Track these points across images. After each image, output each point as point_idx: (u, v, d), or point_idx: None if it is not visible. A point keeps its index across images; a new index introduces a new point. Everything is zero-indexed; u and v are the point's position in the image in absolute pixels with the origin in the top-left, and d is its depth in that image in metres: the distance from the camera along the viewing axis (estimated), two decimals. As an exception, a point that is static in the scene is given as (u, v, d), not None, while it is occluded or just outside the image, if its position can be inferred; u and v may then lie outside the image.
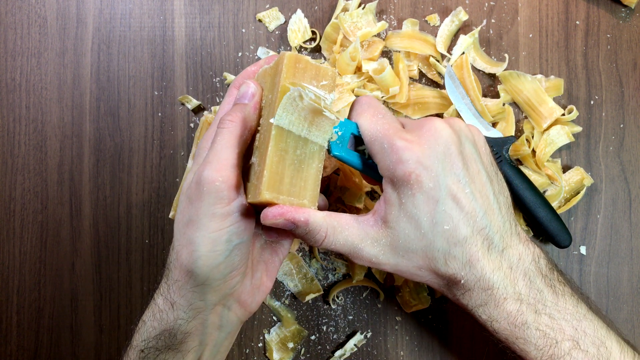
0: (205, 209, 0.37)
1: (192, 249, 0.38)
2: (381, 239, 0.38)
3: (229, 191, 0.37)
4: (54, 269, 0.54)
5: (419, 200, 0.36)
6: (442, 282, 0.39)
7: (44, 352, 0.54)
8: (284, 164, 0.37)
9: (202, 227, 0.37)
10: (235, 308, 0.42)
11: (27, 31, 0.55)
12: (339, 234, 0.38)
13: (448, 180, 0.37)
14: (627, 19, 0.54)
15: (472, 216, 0.37)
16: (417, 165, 0.36)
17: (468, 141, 0.39)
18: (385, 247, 0.38)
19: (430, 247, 0.37)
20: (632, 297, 0.53)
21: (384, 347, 0.53)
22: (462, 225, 0.37)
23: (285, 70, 0.37)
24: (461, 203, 0.37)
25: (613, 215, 0.53)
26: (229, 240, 0.38)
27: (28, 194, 0.54)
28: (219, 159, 0.37)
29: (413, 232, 0.37)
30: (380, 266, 0.39)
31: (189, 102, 0.54)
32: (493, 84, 0.54)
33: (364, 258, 0.38)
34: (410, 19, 0.53)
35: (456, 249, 0.37)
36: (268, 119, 0.38)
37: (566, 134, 0.51)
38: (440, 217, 0.37)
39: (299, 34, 0.53)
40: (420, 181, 0.36)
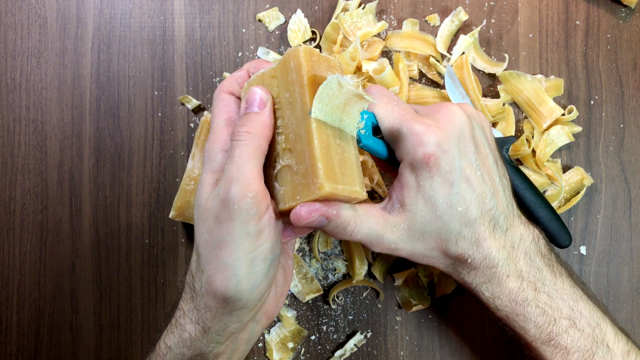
0: (238, 229, 0.35)
1: (230, 274, 0.36)
2: (400, 224, 0.39)
3: (260, 206, 0.35)
4: (54, 269, 0.54)
5: (437, 183, 0.38)
6: (449, 262, 0.40)
7: (44, 352, 0.54)
8: (330, 155, 0.36)
9: (237, 249, 0.35)
10: (262, 320, 0.42)
11: (27, 31, 0.55)
12: (364, 222, 0.39)
13: (463, 163, 0.38)
14: (627, 19, 0.54)
15: (482, 198, 0.39)
16: (437, 148, 0.37)
17: (478, 126, 0.40)
18: (403, 232, 0.39)
19: (444, 229, 0.39)
20: (632, 297, 0.53)
21: (384, 347, 0.53)
22: (473, 206, 0.38)
23: (304, 63, 0.37)
24: (473, 185, 0.38)
25: (613, 215, 0.53)
26: (266, 258, 0.36)
27: (28, 194, 0.54)
28: (243, 174, 0.35)
29: (429, 214, 0.38)
30: (397, 252, 0.40)
31: (189, 102, 0.54)
32: (493, 84, 0.54)
33: (384, 245, 0.39)
34: (410, 19, 0.53)
35: (466, 229, 0.39)
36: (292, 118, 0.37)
37: (566, 134, 0.51)
38: (455, 199, 0.38)
39: (299, 34, 0.53)
40: (439, 164, 0.37)
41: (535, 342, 0.39)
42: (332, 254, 0.53)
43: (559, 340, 0.39)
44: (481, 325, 0.53)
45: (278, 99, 0.38)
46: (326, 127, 0.37)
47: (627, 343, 0.40)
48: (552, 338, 0.39)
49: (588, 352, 0.39)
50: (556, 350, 0.39)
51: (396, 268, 0.53)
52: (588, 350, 0.39)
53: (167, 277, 0.54)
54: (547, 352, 0.39)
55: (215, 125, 0.40)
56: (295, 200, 0.36)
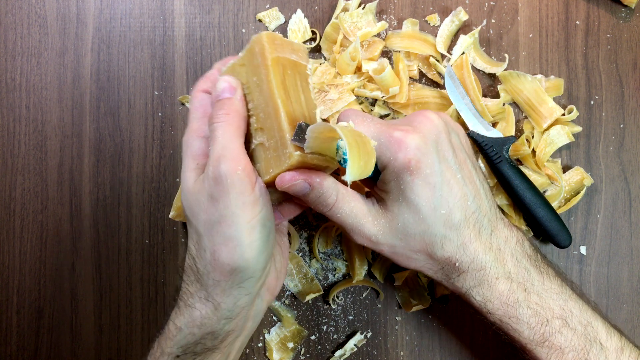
0: (235, 201, 0.36)
1: (234, 244, 0.37)
2: (381, 219, 0.40)
3: (251, 177, 0.37)
4: (54, 269, 0.54)
5: (418, 186, 0.38)
6: (437, 267, 0.41)
7: (44, 352, 0.54)
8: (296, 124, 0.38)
9: (237, 220, 0.37)
10: (266, 295, 0.43)
11: (27, 31, 0.55)
12: (347, 203, 0.40)
13: (442, 166, 0.39)
14: (627, 19, 0.54)
15: (464, 200, 0.39)
16: (416, 152, 0.38)
17: (454, 131, 0.42)
18: (384, 227, 0.40)
19: (428, 232, 0.39)
20: (632, 297, 0.53)
21: (384, 347, 0.53)
22: (456, 209, 0.39)
23: (267, 46, 0.38)
24: (454, 188, 0.39)
25: (613, 215, 0.53)
26: (264, 224, 0.38)
27: (28, 194, 0.54)
28: (230, 151, 0.37)
29: (412, 217, 0.39)
30: (378, 246, 0.40)
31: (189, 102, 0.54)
32: (493, 84, 0.54)
33: (364, 235, 0.40)
34: (410, 19, 0.53)
35: (452, 232, 0.39)
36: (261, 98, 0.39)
37: (566, 134, 0.51)
38: (437, 202, 0.39)
39: (299, 34, 0.53)
40: (419, 167, 0.38)
41: (530, 344, 0.40)
42: (332, 254, 0.53)
43: (553, 341, 0.39)
44: (481, 325, 0.53)
45: (247, 84, 0.40)
46: (292, 102, 0.38)
47: (620, 339, 0.40)
48: (546, 339, 0.39)
49: (582, 350, 0.39)
50: (551, 351, 0.39)
51: (396, 268, 0.53)
52: (582, 348, 0.39)
53: (167, 277, 0.54)
54: (542, 354, 0.39)
55: (191, 119, 0.42)
56: (269, 173, 0.38)
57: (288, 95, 0.38)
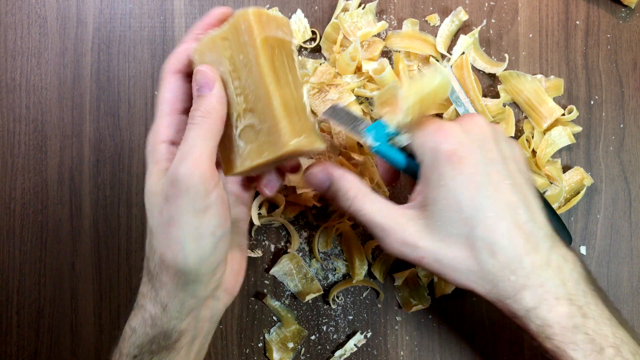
0: (185, 206, 0.36)
1: (178, 248, 0.37)
2: (418, 219, 0.37)
3: (207, 184, 0.36)
4: (54, 269, 0.54)
5: (461, 183, 0.35)
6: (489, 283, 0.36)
7: (44, 352, 0.54)
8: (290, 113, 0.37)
9: (185, 225, 0.36)
10: (223, 296, 0.42)
11: (27, 31, 0.55)
12: (370, 202, 0.38)
13: (489, 168, 0.36)
14: (627, 19, 0.54)
15: (515, 208, 0.36)
16: (460, 146, 0.36)
17: (505, 142, 0.39)
18: (422, 227, 0.36)
19: (473, 235, 0.35)
20: (632, 297, 0.53)
21: (384, 347, 0.53)
22: (505, 215, 0.36)
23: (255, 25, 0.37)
24: (502, 192, 0.36)
25: (613, 215, 0.53)
26: (214, 233, 0.37)
27: (28, 194, 0.54)
28: (193, 154, 0.36)
29: (454, 215, 0.36)
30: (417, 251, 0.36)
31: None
32: (493, 84, 0.54)
33: (399, 237, 0.37)
34: (410, 19, 0.53)
35: (503, 240, 0.35)
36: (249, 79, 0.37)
37: (567, 135, 0.51)
38: (481, 203, 0.35)
39: (299, 34, 0.53)
40: (463, 163, 0.36)
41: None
42: (332, 254, 0.53)
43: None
44: (481, 325, 0.53)
45: (232, 60, 0.38)
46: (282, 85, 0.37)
47: None
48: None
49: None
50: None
51: (396, 268, 0.53)
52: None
53: (167, 277, 0.54)
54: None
55: (157, 114, 0.40)
56: (262, 157, 0.37)
57: (278, 78, 0.37)
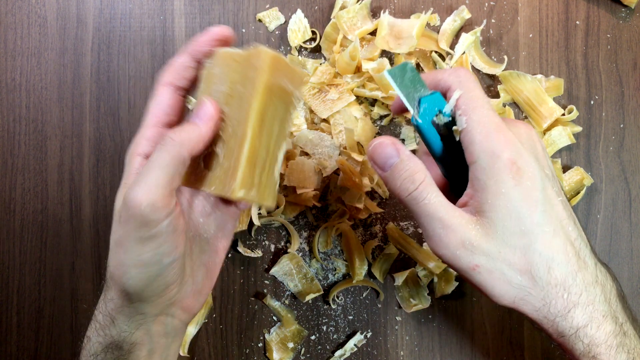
0: (131, 232, 0.35)
1: (123, 271, 0.36)
2: (475, 224, 0.35)
3: (156, 214, 0.34)
4: (54, 269, 0.54)
5: (520, 194, 0.34)
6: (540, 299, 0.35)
7: (44, 353, 0.54)
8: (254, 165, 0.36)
9: (129, 250, 0.36)
10: (179, 314, 0.41)
11: (27, 31, 0.55)
12: (436, 192, 0.35)
13: (545, 183, 0.35)
14: (627, 19, 0.54)
15: (565, 225, 0.36)
16: (519, 157, 0.34)
17: (549, 158, 0.38)
18: (479, 232, 0.35)
19: (532, 248, 0.34)
20: (632, 297, 0.53)
21: (384, 347, 0.53)
22: (559, 231, 0.35)
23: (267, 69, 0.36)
24: (556, 209, 0.35)
25: (613, 215, 0.53)
26: (159, 261, 0.36)
27: (28, 194, 0.54)
28: (148, 181, 0.34)
29: (513, 226, 0.34)
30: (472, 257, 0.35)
31: (189, 102, 0.54)
32: (493, 84, 0.54)
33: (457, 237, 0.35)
34: (415, 14, 0.53)
35: (559, 256, 0.35)
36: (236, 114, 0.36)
37: (567, 136, 0.51)
38: (540, 218, 0.34)
39: (299, 34, 0.53)
40: (522, 175, 0.34)
41: None
42: (332, 254, 0.53)
43: None
44: (481, 325, 0.53)
45: (232, 86, 0.37)
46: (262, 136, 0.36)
47: None
48: None
49: None
50: None
51: (396, 268, 0.53)
52: None
53: (167, 277, 0.54)
54: None
55: (142, 124, 0.40)
56: (210, 188, 0.37)
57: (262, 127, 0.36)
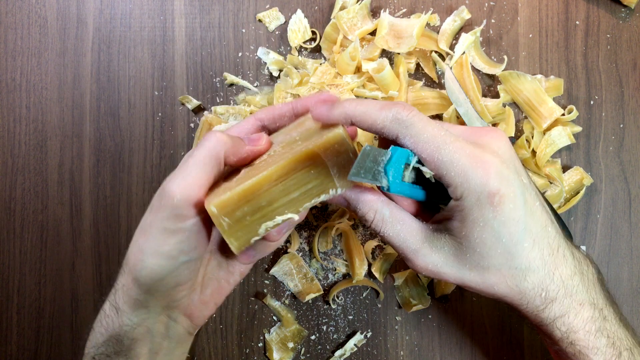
0: (158, 221, 0.36)
1: (140, 258, 0.37)
2: (443, 246, 0.37)
3: (186, 209, 0.35)
4: (54, 269, 0.54)
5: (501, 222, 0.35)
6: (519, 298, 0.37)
7: (44, 352, 0.54)
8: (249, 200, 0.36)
9: (151, 238, 0.36)
10: (182, 320, 0.41)
11: (27, 31, 0.55)
12: (391, 224, 0.37)
13: (525, 195, 0.36)
14: (627, 19, 0.54)
15: (545, 227, 0.37)
16: (502, 182, 0.34)
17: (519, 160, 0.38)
18: (448, 255, 0.36)
19: (508, 265, 0.36)
20: (632, 297, 0.53)
21: (384, 347, 0.53)
22: (539, 238, 0.36)
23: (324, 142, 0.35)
24: (536, 217, 0.36)
25: (613, 215, 0.53)
26: (176, 257, 0.37)
27: (28, 194, 0.54)
28: (186, 175, 0.35)
29: (489, 251, 0.35)
30: (440, 276, 0.37)
31: (189, 102, 0.54)
32: (493, 84, 0.54)
33: (420, 262, 0.37)
34: (415, 14, 0.53)
35: (536, 263, 0.36)
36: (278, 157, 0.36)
37: (567, 136, 0.51)
38: (521, 236, 0.35)
39: (299, 34, 0.53)
40: (504, 202, 0.34)
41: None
42: (332, 254, 0.53)
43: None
44: (481, 325, 0.53)
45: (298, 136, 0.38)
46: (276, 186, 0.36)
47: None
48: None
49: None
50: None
51: (396, 268, 0.53)
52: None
53: (167, 277, 0.54)
54: None
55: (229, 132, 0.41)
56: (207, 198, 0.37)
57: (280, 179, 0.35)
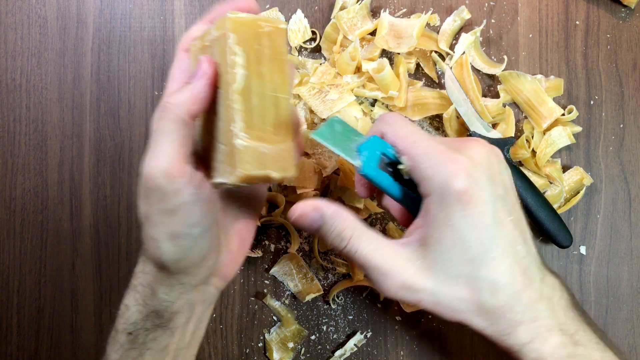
0: (154, 206, 0.35)
1: (156, 246, 0.36)
2: (416, 260, 0.35)
3: (174, 184, 0.34)
4: (54, 269, 0.54)
5: (468, 223, 0.34)
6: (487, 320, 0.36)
7: (44, 352, 0.54)
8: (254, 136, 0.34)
9: (157, 224, 0.35)
10: (215, 282, 0.41)
11: (28, 31, 0.55)
12: (366, 242, 0.36)
13: (497, 205, 0.35)
14: (627, 19, 0.54)
15: (514, 244, 0.35)
16: (471, 183, 0.34)
17: (505, 170, 0.37)
18: (421, 268, 0.35)
19: (475, 276, 0.35)
20: (632, 297, 0.53)
21: (384, 347, 0.53)
22: (507, 254, 0.35)
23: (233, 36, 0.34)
24: (506, 230, 0.35)
25: (613, 215, 0.53)
26: (189, 232, 0.36)
27: (28, 194, 0.54)
28: (158, 151, 0.34)
29: (458, 256, 0.34)
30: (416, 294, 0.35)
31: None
32: (493, 84, 0.54)
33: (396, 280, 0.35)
34: (415, 14, 0.53)
35: (503, 279, 0.35)
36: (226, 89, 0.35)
37: (567, 136, 0.51)
38: (488, 244, 0.34)
39: (299, 34, 0.53)
40: (472, 202, 0.34)
41: None
42: (332, 254, 0.53)
43: None
44: None
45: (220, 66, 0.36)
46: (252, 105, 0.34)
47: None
48: None
49: None
50: None
51: (396, 268, 0.53)
52: None
53: (167, 277, 0.54)
54: None
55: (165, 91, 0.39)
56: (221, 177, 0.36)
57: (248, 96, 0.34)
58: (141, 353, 0.39)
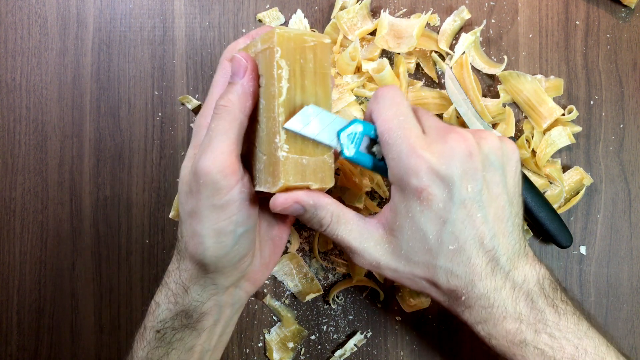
0: (204, 201, 0.36)
1: (199, 241, 0.37)
2: (384, 244, 0.38)
3: (227, 180, 0.36)
4: (54, 269, 0.54)
5: (427, 218, 0.36)
6: (443, 296, 0.39)
7: (44, 352, 0.54)
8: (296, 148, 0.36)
9: (204, 220, 0.37)
10: (246, 286, 0.43)
11: (27, 31, 0.55)
12: (343, 224, 0.38)
13: (465, 201, 0.35)
14: (627, 19, 0.54)
15: (480, 238, 0.36)
16: (431, 182, 0.35)
17: (497, 161, 0.37)
18: (387, 252, 0.38)
19: (432, 263, 0.37)
20: (632, 297, 0.53)
21: (384, 347, 0.53)
22: (467, 247, 0.36)
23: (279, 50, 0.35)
24: (468, 227, 0.36)
25: (613, 215, 0.53)
26: (234, 230, 0.37)
27: (28, 194, 0.54)
28: (214, 148, 0.36)
29: (417, 245, 0.37)
30: (380, 270, 0.38)
31: (189, 102, 0.54)
32: (493, 84, 0.54)
33: (365, 259, 0.38)
34: (415, 14, 0.53)
35: (459, 268, 0.36)
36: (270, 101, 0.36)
37: (567, 136, 0.51)
38: (446, 237, 0.36)
39: (299, 34, 0.53)
40: (431, 200, 0.35)
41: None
42: (332, 254, 0.53)
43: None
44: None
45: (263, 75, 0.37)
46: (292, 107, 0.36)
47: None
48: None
49: None
50: None
51: (396, 268, 0.53)
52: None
53: (167, 277, 0.54)
54: None
55: (208, 97, 0.41)
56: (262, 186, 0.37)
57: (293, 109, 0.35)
58: (167, 352, 0.40)
